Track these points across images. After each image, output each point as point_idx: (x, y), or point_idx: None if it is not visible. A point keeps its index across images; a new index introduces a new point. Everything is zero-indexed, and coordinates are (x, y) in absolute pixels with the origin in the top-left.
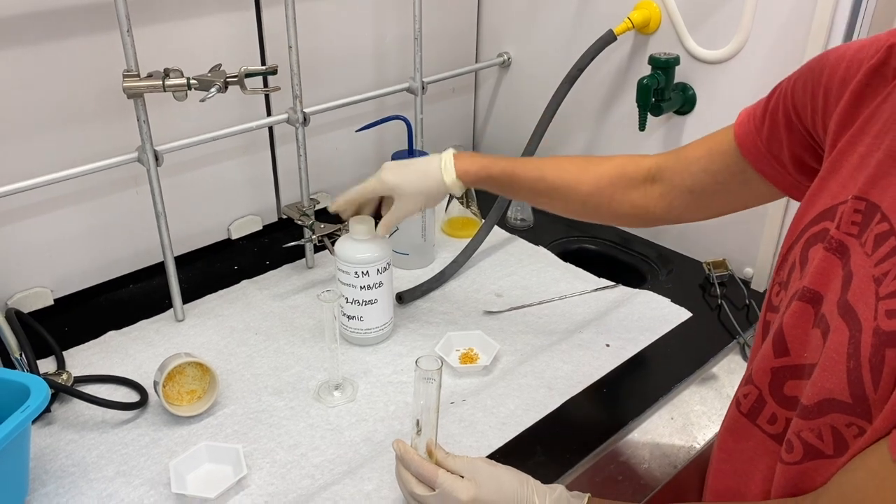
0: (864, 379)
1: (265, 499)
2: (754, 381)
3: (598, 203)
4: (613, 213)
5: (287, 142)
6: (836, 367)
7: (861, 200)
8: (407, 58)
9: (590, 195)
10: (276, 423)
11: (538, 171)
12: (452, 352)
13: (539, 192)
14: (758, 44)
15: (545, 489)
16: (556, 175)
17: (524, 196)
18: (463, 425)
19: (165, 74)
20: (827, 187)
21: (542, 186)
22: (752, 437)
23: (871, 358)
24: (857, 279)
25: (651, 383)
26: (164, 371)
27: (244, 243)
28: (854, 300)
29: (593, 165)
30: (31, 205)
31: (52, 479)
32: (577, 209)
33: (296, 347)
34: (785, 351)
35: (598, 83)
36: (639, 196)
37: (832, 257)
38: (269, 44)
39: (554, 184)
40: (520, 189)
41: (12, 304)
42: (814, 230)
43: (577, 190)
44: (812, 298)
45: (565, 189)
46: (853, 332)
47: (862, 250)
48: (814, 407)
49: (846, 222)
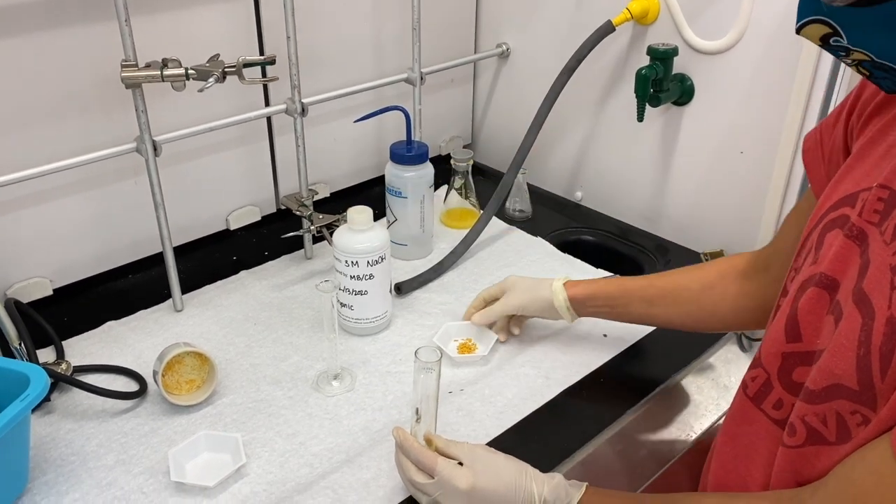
0: (872, 367)
1: (264, 487)
2: (763, 364)
3: (713, 300)
4: (734, 310)
5: (285, 132)
6: (845, 354)
7: (885, 189)
8: (405, 48)
9: (702, 292)
10: (274, 413)
11: (646, 280)
12: (451, 342)
13: (650, 301)
14: (756, 35)
15: (543, 477)
16: (665, 279)
17: (638, 309)
18: (461, 414)
19: (164, 64)
20: (851, 174)
21: (652, 292)
22: (756, 421)
23: (881, 346)
24: (874, 267)
25: (648, 373)
26: (163, 361)
27: (243, 234)
28: (869, 288)
29: (698, 266)
30: (29, 195)
31: (51, 468)
32: (692, 311)
33: (294, 337)
34: (798, 336)
35: (597, 74)
36: (755, 287)
37: (852, 244)
38: (268, 34)
39: (664, 287)
40: (631, 299)
41: (11, 293)
42: (832, 216)
43: (688, 288)
44: (829, 285)
45: (676, 290)
46: (866, 319)
47: (881, 238)
48: (821, 392)
49: (868, 210)
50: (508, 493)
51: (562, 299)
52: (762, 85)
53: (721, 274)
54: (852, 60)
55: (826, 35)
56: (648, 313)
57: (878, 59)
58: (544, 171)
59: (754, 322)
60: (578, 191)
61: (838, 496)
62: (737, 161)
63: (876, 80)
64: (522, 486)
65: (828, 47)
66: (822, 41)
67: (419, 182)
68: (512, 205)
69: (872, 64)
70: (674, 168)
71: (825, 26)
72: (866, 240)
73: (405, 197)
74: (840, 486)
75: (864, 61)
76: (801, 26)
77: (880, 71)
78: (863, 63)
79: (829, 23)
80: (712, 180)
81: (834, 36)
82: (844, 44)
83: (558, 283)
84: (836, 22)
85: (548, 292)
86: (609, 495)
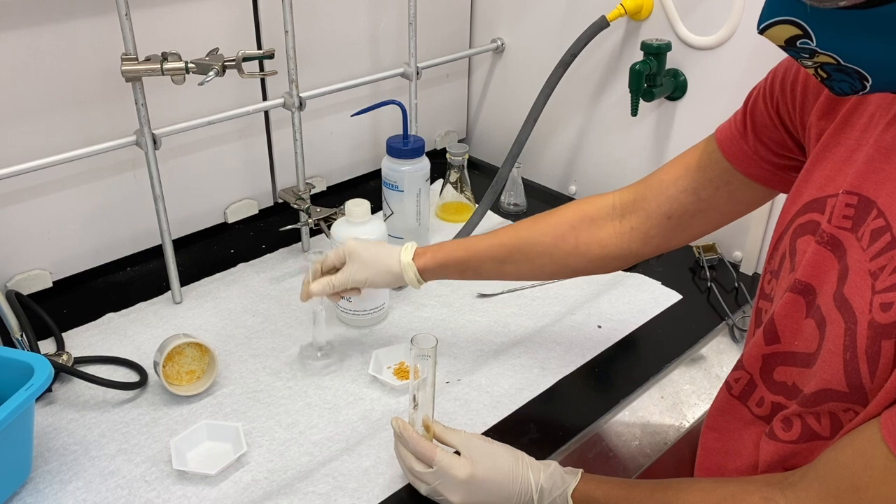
0: (860, 370)
1: (265, 475)
2: (745, 366)
3: (564, 252)
4: (585, 259)
5: (283, 126)
6: (833, 360)
7: (853, 195)
8: (402, 43)
9: (553, 246)
10: (274, 403)
11: (494, 238)
12: (384, 369)
13: (502, 259)
14: (748, 30)
15: (539, 465)
16: (513, 235)
17: (489, 269)
18: (458, 404)
19: (163, 58)
20: (812, 178)
21: (502, 252)
22: (741, 416)
23: (867, 349)
24: (853, 273)
25: (642, 364)
26: (163, 351)
27: (241, 227)
28: (850, 293)
29: (548, 216)
30: (29, 187)
31: (54, 457)
32: (545, 265)
33: (293, 329)
34: (775, 339)
35: (591, 69)
36: (607, 235)
37: (824, 251)
38: (266, 28)
39: (515, 245)
40: (482, 263)
41: (11, 286)
42: (801, 220)
43: (539, 243)
44: (804, 290)
45: (526, 246)
46: (849, 324)
47: (858, 245)
48: (811, 396)
49: (838, 216)
50: (505, 481)
51: (412, 274)
52: (754, 80)
53: (571, 224)
54: (814, 63)
55: (793, 37)
56: (500, 271)
57: (845, 63)
58: (539, 165)
59: (602, 269)
60: (573, 185)
61: (827, 479)
62: None
63: (831, 83)
64: (519, 473)
65: (791, 49)
66: (787, 43)
67: (415, 176)
68: (507, 198)
69: (836, 67)
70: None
71: (794, 27)
72: (841, 246)
73: (401, 191)
74: (829, 468)
75: (827, 64)
76: (766, 27)
77: (841, 74)
78: (825, 66)
79: (799, 24)
80: None
81: (802, 38)
82: (812, 46)
83: (406, 257)
84: (809, 25)
85: (396, 265)
86: (604, 481)
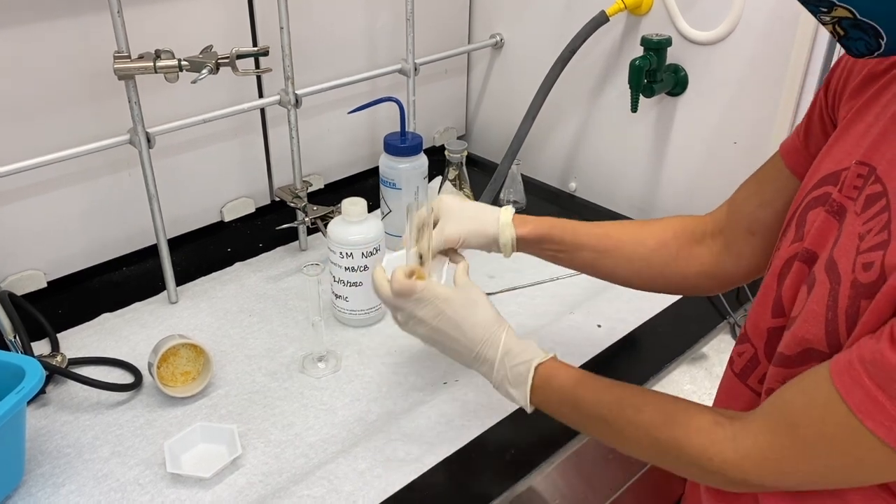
0: (839, 330)
1: (260, 477)
2: (750, 339)
3: (663, 260)
4: (680, 275)
5: (279, 124)
6: (816, 319)
7: (864, 165)
8: (399, 39)
9: (654, 251)
10: (270, 404)
11: (599, 228)
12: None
13: (602, 251)
14: (749, 25)
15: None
16: (619, 229)
17: (584, 258)
18: (456, 404)
19: (156, 56)
20: (830, 154)
21: (607, 243)
22: (742, 396)
23: (847, 309)
24: (844, 236)
25: (642, 363)
26: (158, 353)
27: (237, 226)
28: (838, 255)
29: (651, 222)
30: (23, 187)
31: (47, 460)
32: (641, 269)
33: (289, 329)
34: (782, 312)
35: (591, 64)
36: (705, 252)
37: (831, 219)
38: (261, 25)
39: (621, 240)
40: (582, 249)
41: (5, 287)
42: (815, 194)
43: (643, 245)
44: (809, 258)
45: (630, 245)
46: (833, 285)
47: (854, 209)
48: (794, 357)
49: (848, 186)
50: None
51: (508, 237)
52: (755, 75)
53: (675, 234)
54: (831, 18)
55: None
56: (595, 263)
57: (861, 17)
58: (538, 161)
59: (696, 289)
60: (572, 181)
61: (769, 414)
62: (730, 151)
63: (848, 42)
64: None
65: (811, 4)
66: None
67: (413, 173)
68: (506, 195)
69: (852, 22)
70: (667, 158)
71: None
72: (844, 214)
73: (399, 188)
74: (773, 404)
75: (845, 19)
76: None
77: (857, 31)
78: (842, 21)
79: None
80: (705, 170)
81: None
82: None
83: (506, 217)
84: None
85: (493, 226)
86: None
